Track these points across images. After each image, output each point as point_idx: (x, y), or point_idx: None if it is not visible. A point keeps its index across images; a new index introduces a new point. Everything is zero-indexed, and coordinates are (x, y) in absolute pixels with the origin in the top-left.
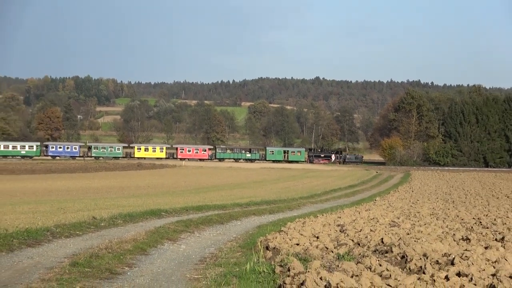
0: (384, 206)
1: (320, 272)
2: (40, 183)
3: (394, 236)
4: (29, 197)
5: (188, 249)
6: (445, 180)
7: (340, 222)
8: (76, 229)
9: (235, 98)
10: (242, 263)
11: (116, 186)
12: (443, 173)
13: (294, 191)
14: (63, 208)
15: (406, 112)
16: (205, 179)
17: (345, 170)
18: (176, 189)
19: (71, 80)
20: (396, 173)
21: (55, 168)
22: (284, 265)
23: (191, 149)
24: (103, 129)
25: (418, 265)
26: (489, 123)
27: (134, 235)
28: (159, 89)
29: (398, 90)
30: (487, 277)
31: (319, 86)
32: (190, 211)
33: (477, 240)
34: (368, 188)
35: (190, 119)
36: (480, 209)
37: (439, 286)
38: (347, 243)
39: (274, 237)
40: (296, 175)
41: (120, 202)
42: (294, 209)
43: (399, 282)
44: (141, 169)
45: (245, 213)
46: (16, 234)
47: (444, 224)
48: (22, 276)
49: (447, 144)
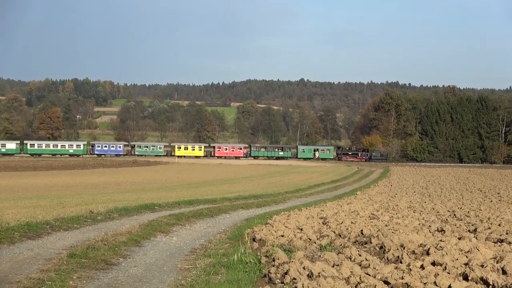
0: (365, 199)
1: (303, 262)
2: (41, 179)
3: (373, 228)
4: (30, 193)
5: (179, 241)
6: (422, 175)
7: (323, 215)
8: (74, 223)
9: (224, 99)
10: (230, 254)
11: (113, 182)
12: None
13: (280, 186)
14: (62, 203)
15: (385, 111)
16: (196, 175)
17: (328, 166)
18: (169, 185)
19: (71, 82)
20: (376, 168)
21: (56, 165)
22: (270, 256)
23: (228, 148)
24: (101, 128)
25: (396, 255)
26: (463, 121)
27: (129, 228)
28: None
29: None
30: (460, 266)
31: (303, 87)
32: (182, 205)
33: (451, 232)
34: (349, 183)
35: (182, 119)
36: (454, 202)
37: (415, 275)
38: (329, 235)
39: (261, 229)
40: (282, 171)
41: (116, 197)
42: (280, 203)
43: (377, 271)
44: (137, 165)
45: (234, 206)
46: (17, 227)
47: (420, 217)
48: (22, 267)
49: (423, 141)
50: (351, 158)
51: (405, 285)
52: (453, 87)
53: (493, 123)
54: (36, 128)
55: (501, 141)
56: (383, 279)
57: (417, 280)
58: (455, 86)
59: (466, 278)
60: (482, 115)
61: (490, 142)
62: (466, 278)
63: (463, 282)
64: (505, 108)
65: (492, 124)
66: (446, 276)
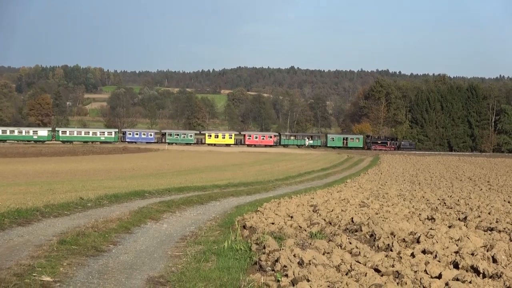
0: (355, 187)
1: (293, 250)
2: (31, 166)
3: (364, 216)
4: (20, 179)
5: (169, 228)
6: (411, 163)
7: (313, 203)
8: (64, 209)
9: (215, 86)
10: (220, 241)
11: (103, 169)
12: (410, 157)
13: (270, 173)
14: (52, 189)
15: (375, 99)
16: (187, 162)
17: (318, 154)
18: (159, 172)
19: (61, 69)
20: (366, 156)
21: (45, 152)
22: (260, 243)
23: (258, 136)
24: (91, 115)
25: (386, 243)
26: (453, 110)
27: (119, 215)
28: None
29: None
30: (451, 254)
31: (294, 75)
32: (172, 192)
33: (441, 220)
34: (339, 171)
35: (172, 106)
36: (444, 191)
37: (405, 263)
38: (319, 223)
39: (251, 217)
40: (272, 159)
41: (106, 183)
42: (270, 191)
43: (368, 259)
44: (127, 152)
45: (224, 194)
46: (7, 214)
47: (410, 205)
48: (12, 254)
49: (413, 130)
50: (380, 147)
51: (395, 273)
52: (444, 75)
53: (483, 111)
54: (26, 114)
55: (491, 130)
56: (373, 267)
57: (407, 268)
58: (445, 74)
59: (456, 266)
60: (472, 104)
61: (480, 131)
62: (457, 266)
63: (453, 270)
64: (495, 96)
65: (482, 112)
66: (436, 264)
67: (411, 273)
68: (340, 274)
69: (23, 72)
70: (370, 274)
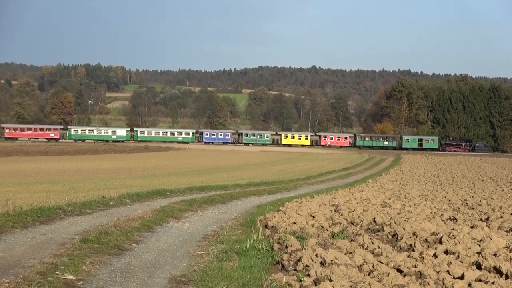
0: (376, 187)
1: (316, 249)
2: (53, 164)
3: (386, 216)
4: (42, 177)
5: (191, 227)
6: (433, 164)
7: (335, 203)
8: (86, 208)
9: (236, 85)
10: (242, 240)
11: (125, 167)
12: (432, 157)
13: (292, 173)
14: (74, 188)
15: (397, 99)
16: (208, 161)
17: (339, 154)
18: (181, 170)
19: (83, 68)
20: (387, 156)
21: (68, 150)
22: (282, 243)
23: (334, 137)
24: (112, 113)
25: (408, 243)
26: (475, 110)
27: (141, 214)
28: (165, 77)
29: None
30: (473, 255)
31: (315, 74)
32: (194, 191)
33: (463, 220)
34: (361, 171)
35: (194, 105)
36: (466, 191)
37: (428, 263)
38: (341, 222)
39: (273, 216)
40: (293, 158)
41: (128, 182)
42: (291, 190)
43: (390, 259)
44: (148, 151)
45: (245, 193)
46: (30, 212)
47: (432, 205)
48: (35, 252)
49: (435, 130)
50: (455, 149)
51: (418, 274)
52: (465, 75)
53: (505, 112)
54: (48, 113)
55: None
56: (396, 267)
57: (430, 268)
58: (467, 74)
59: (479, 267)
60: (494, 104)
61: (502, 131)
62: (479, 267)
63: (476, 271)
64: None
65: (504, 113)
66: (459, 265)
67: (434, 274)
68: (363, 274)
69: (45, 71)
70: (392, 275)
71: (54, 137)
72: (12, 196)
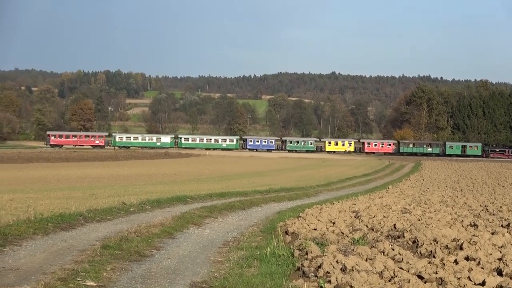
0: (396, 193)
1: (336, 256)
2: (73, 171)
3: (406, 222)
4: (63, 184)
5: (212, 233)
6: (453, 170)
7: (355, 209)
8: (107, 214)
9: (256, 91)
10: (262, 246)
11: (144, 174)
12: (452, 163)
13: (312, 179)
14: (94, 194)
15: (417, 105)
16: (227, 167)
17: (359, 160)
18: (201, 177)
19: (103, 74)
20: (408, 162)
21: (87, 157)
22: (303, 249)
23: (377, 144)
24: (132, 120)
25: (429, 249)
26: (495, 116)
27: (162, 220)
28: (185, 83)
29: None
30: (494, 261)
31: (335, 80)
32: (214, 198)
33: (484, 226)
34: (381, 177)
35: (213, 111)
36: (486, 197)
37: (449, 270)
38: (361, 229)
39: (293, 223)
40: (313, 164)
41: (148, 188)
42: (311, 196)
43: (410, 265)
44: (168, 157)
45: (265, 199)
46: (51, 219)
47: (453, 211)
48: (56, 258)
49: (455, 136)
50: (498, 155)
51: (439, 280)
52: (486, 81)
53: None
54: (68, 119)
55: None
56: (416, 274)
57: (451, 275)
58: (487, 80)
59: (500, 273)
60: None
61: None
62: (500, 273)
63: (497, 277)
64: None
65: None
66: (480, 271)
67: (455, 280)
68: (383, 280)
69: (65, 77)
70: (413, 281)
71: (99, 144)
72: (33, 202)
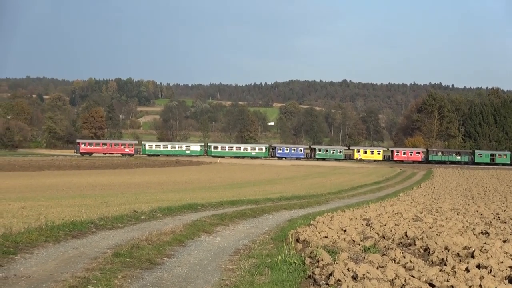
0: (408, 201)
1: (347, 264)
2: (84, 178)
3: (417, 230)
4: (74, 192)
5: (223, 241)
6: (465, 177)
7: (366, 217)
8: (118, 222)
9: (267, 99)
10: (274, 254)
11: (156, 182)
12: (463, 171)
13: (323, 187)
14: (106, 202)
15: (428, 113)
16: (239, 175)
17: (371, 168)
18: (212, 185)
19: (114, 82)
20: (419, 170)
21: (99, 164)
22: (314, 257)
23: (406, 152)
24: (144, 128)
25: (440, 257)
26: (507, 123)
27: (173, 228)
28: (196, 91)
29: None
30: (506, 269)
31: (346, 88)
32: (225, 205)
33: (495, 234)
34: (392, 185)
35: (225, 119)
36: (498, 205)
37: (460, 278)
38: (372, 236)
39: (304, 230)
40: (325, 172)
41: (159, 196)
42: (322, 204)
43: (422, 273)
44: (179, 165)
45: (277, 207)
46: (62, 226)
47: (464, 219)
48: (67, 266)
49: (467, 143)
50: None
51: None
52: (497, 88)
53: None
54: (80, 127)
55: None
56: (428, 282)
57: (462, 283)
58: (498, 88)
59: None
60: None
61: None
62: None
63: (508, 286)
64: None
65: None
66: (491, 279)
67: None
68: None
69: (76, 85)
70: None
71: (128, 152)
72: (44, 210)
